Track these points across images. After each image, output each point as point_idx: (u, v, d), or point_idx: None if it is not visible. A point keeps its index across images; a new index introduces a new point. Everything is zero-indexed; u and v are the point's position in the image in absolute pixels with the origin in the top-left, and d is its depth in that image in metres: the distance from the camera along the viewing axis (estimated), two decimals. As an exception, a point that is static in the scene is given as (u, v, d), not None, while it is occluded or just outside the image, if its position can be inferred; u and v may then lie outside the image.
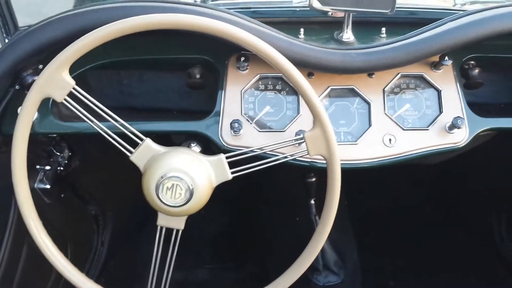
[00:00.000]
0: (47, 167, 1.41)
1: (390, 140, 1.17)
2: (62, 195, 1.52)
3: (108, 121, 0.97)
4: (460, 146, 1.18)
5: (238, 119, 1.14)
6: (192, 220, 2.13)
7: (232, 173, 0.99)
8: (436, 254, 1.96)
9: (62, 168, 1.47)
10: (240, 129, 1.14)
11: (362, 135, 1.17)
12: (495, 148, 1.72)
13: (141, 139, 0.98)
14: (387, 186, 2.12)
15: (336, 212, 1.00)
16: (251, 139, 1.16)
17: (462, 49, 1.14)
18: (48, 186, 1.41)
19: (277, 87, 1.20)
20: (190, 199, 0.95)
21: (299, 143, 1.00)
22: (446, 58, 1.16)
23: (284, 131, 1.17)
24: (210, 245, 2.04)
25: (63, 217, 1.61)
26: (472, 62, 1.28)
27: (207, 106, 1.21)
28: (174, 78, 1.36)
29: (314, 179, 1.52)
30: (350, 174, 1.27)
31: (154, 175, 0.95)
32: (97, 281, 1.80)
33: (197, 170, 0.96)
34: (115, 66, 1.31)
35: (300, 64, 1.09)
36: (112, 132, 0.98)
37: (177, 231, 1.04)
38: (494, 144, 1.65)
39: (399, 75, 1.19)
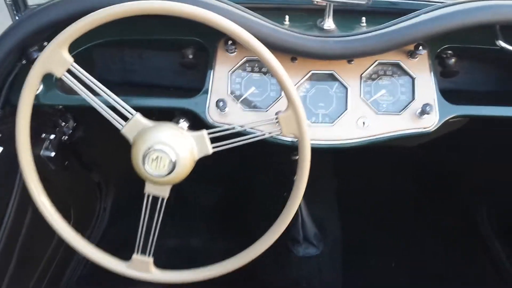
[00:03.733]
0: (52, 136, 1.53)
1: (363, 123, 1.26)
2: (66, 163, 1.65)
3: (105, 97, 1.07)
4: (430, 130, 1.26)
5: (223, 98, 1.24)
6: (189, 193, 2.26)
7: (213, 147, 1.10)
8: (421, 236, 2.05)
9: (66, 137, 1.59)
10: (225, 108, 1.24)
11: (338, 118, 1.26)
12: (477, 136, 1.81)
13: (132, 114, 1.08)
14: (377, 169, 2.22)
15: (305, 186, 1.10)
16: (236, 117, 1.26)
17: (437, 39, 1.22)
18: (52, 154, 1.53)
19: (263, 70, 1.29)
20: (173, 170, 1.06)
21: (275, 123, 1.09)
22: (421, 48, 1.24)
23: (266, 110, 1.27)
24: (204, 217, 2.17)
25: (67, 183, 1.73)
26: (450, 51, 1.36)
27: (200, 84, 1.32)
28: (172, 57, 1.46)
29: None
30: (342, 156, 1.37)
31: (141, 147, 1.05)
32: (98, 244, 1.95)
33: (180, 144, 1.07)
34: (117, 44, 1.41)
35: (282, 49, 1.18)
36: (107, 106, 1.08)
37: (163, 199, 1.14)
38: (479, 133, 1.74)
39: (376, 62, 1.28)
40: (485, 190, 2.05)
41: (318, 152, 1.20)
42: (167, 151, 1.04)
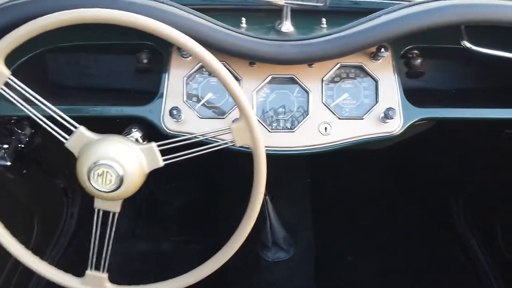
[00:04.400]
0: (6, 146, 1.46)
1: (325, 128, 1.21)
2: (24, 171, 1.59)
3: (46, 110, 1.02)
4: (394, 135, 1.22)
5: (177, 106, 1.19)
6: (162, 193, 2.20)
7: (165, 160, 1.05)
8: (396, 235, 2.03)
9: (23, 146, 1.53)
10: (181, 116, 1.18)
11: (299, 124, 1.22)
12: (451, 134, 1.77)
13: (75, 127, 1.03)
14: (351, 168, 2.18)
15: (262, 198, 1.06)
16: (192, 125, 1.21)
17: (400, 40, 1.17)
18: (8, 163, 1.47)
19: None
20: (120, 185, 1.00)
21: (227, 133, 1.04)
22: (383, 50, 1.19)
23: (224, 118, 1.22)
24: (177, 218, 2.12)
25: (28, 191, 1.68)
26: (416, 51, 1.31)
27: (158, 89, 1.26)
28: (127, 61, 1.40)
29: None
30: (315, 156, 1.33)
31: (86, 162, 1.00)
32: (65, 251, 1.88)
33: (128, 158, 1.01)
34: (69, 49, 1.35)
35: (235, 55, 1.13)
36: (51, 119, 1.02)
37: (114, 213, 1.09)
38: (449, 130, 1.70)
39: (338, 65, 1.23)
40: (460, 187, 2.02)
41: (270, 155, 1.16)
42: (113, 166, 0.99)
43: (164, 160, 1.04)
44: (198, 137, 1.08)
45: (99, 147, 1.01)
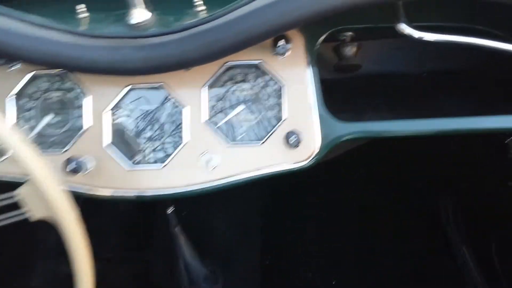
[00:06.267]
0: None
1: (208, 160, 0.85)
2: None
3: None
4: (305, 166, 0.85)
5: None
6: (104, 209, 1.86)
7: None
8: (383, 239, 1.67)
9: None
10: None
11: (171, 155, 0.85)
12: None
13: None
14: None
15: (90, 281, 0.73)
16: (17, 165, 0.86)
17: (314, 23, 0.78)
18: None
19: (64, 87, 0.88)
20: None
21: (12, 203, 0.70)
22: (282, 42, 0.81)
23: (67, 150, 0.86)
24: (111, 230, 1.80)
25: None
26: (350, 33, 0.92)
27: None
28: None
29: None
30: None
31: None
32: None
33: None
34: None
35: (53, 65, 0.77)
36: None
37: None
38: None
39: (227, 64, 0.85)
40: (449, 188, 1.65)
41: None
42: None
43: None
44: None
45: None
